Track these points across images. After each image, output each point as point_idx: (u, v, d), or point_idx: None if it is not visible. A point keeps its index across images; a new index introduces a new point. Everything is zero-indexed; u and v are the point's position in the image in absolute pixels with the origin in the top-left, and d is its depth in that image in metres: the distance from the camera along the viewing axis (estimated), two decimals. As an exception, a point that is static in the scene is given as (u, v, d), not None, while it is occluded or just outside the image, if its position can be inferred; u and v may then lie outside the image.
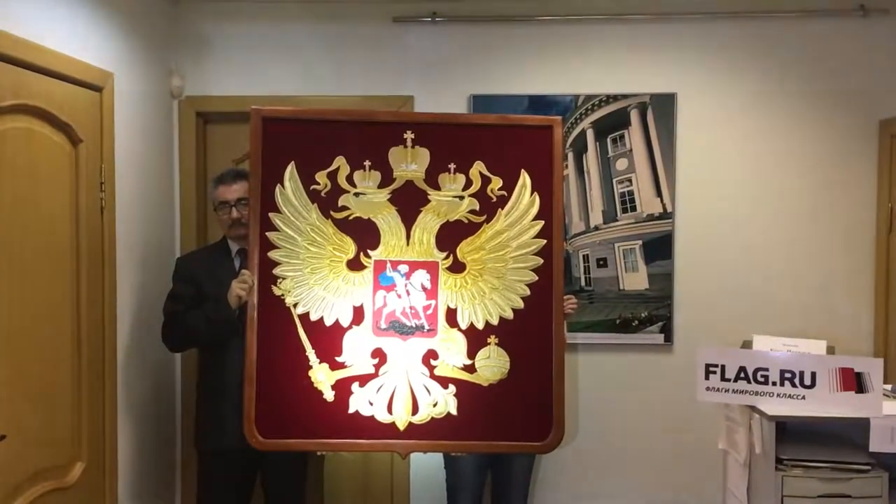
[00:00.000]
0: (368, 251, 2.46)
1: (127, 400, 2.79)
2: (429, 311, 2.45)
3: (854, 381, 2.43)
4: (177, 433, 3.27)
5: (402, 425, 2.43)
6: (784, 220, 3.24)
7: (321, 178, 2.45)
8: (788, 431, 2.58)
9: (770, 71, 3.23)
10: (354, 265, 2.45)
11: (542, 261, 2.47)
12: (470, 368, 2.44)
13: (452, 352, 2.45)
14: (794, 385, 2.47)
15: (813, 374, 2.46)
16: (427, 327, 2.45)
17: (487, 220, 2.47)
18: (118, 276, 2.69)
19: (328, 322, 2.44)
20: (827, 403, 2.45)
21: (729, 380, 2.51)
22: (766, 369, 2.50)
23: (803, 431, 2.59)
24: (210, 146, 3.33)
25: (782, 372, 2.48)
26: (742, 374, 2.51)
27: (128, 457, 2.80)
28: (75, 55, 2.45)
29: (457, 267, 2.47)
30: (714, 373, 2.52)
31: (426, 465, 3.15)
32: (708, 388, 2.54)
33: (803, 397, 2.47)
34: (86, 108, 2.51)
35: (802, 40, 3.21)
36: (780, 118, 3.23)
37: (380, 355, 2.44)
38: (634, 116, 3.22)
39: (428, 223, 2.46)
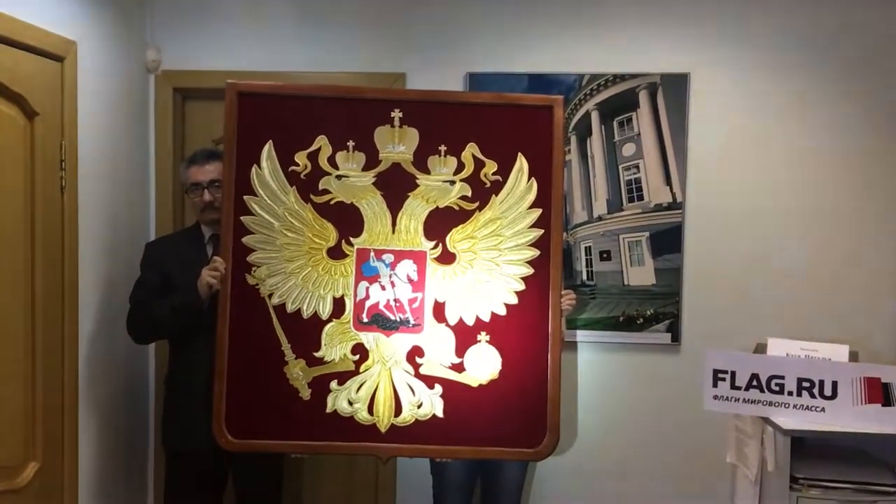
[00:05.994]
0: (351, 238, 2.37)
1: (91, 395, 2.68)
2: (415, 305, 2.37)
3: (880, 393, 2.30)
4: (149, 431, 3.17)
5: (383, 427, 2.35)
6: (804, 212, 3.08)
7: (301, 158, 2.37)
8: (805, 447, 2.47)
9: (795, 48, 3.03)
10: (335, 253, 2.37)
11: (538, 252, 2.38)
12: (458, 367, 2.36)
13: (439, 349, 2.36)
14: (812, 395, 2.35)
15: (834, 384, 2.34)
16: (412, 322, 2.37)
17: (480, 208, 2.38)
18: (81, 260, 2.59)
19: (306, 314, 2.36)
20: (849, 417, 2.33)
21: (739, 388, 2.40)
22: (782, 377, 2.38)
23: (822, 447, 2.49)
24: (189, 124, 3.21)
25: (799, 380, 2.37)
26: (754, 382, 2.39)
27: (91, 456, 2.70)
28: (31, 21, 2.31)
29: (446, 257, 2.38)
30: (723, 379, 2.42)
31: (414, 470, 3.04)
32: (716, 397, 2.43)
33: (823, 409, 2.35)
34: (44, 80, 2.39)
35: (833, 13, 3.01)
36: (803, 101, 3.06)
37: (361, 351, 2.36)
38: (643, 98, 3.07)
39: (415, 209, 2.38)
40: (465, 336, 2.35)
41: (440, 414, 2.33)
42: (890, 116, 3.02)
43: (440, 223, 2.37)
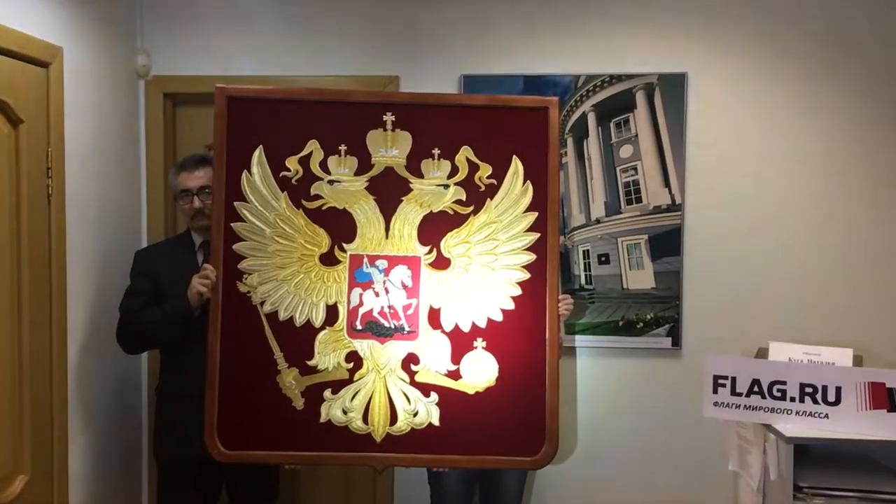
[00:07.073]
0: (343, 244, 2.34)
1: (81, 406, 2.64)
2: (409, 311, 2.34)
3: (885, 398, 2.25)
4: (142, 441, 3.11)
5: (378, 436, 2.32)
6: (805, 213, 3.03)
7: (292, 163, 2.34)
8: (809, 455, 2.41)
9: (797, 47, 2.99)
10: (328, 260, 2.34)
11: (534, 256, 2.35)
12: (454, 374, 2.33)
13: (435, 356, 2.33)
14: (815, 401, 2.30)
15: (837, 389, 2.29)
16: (407, 329, 2.34)
17: (475, 212, 2.36)
18: (69, 269, 2.54)
19: (298, 322, 2.33)
20: (853, 423, 2.28)
21: (740, 394, 2.34)
22: (784, 382, 2.33)
23: (826, 455, 2.42)
24: (180, 130, 3.17)
25: (802, 386, 2.31)
26: (755, 388, 2.34)
27: (81, 468, 2.65)
28: (14, 25, 2.27)
29: (440, 262, 2.35)
30: (724, 385, 2.36)
31: (412, 479, 3.01)
32: (716, 404, 2.37)
33: (826, 416, 2.30)
34: (28, 86, 2.34)
35: (833, 12, 2.96)
36: (802, 101, 3.01)
37: (355, 359, 2.33)
38: (640, 99, 3.03)
39: (409, 214, 2.35)
40: (460, 342, 2.32)
41: (436, 422, 2.30)
42: (892, 116, 2.98)
43: (434, 228, 2.34)
